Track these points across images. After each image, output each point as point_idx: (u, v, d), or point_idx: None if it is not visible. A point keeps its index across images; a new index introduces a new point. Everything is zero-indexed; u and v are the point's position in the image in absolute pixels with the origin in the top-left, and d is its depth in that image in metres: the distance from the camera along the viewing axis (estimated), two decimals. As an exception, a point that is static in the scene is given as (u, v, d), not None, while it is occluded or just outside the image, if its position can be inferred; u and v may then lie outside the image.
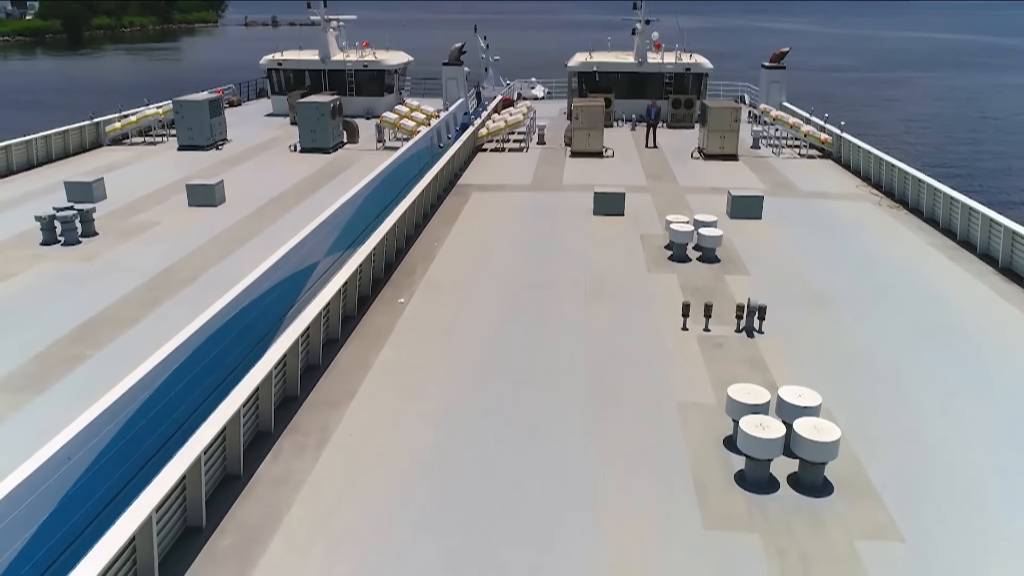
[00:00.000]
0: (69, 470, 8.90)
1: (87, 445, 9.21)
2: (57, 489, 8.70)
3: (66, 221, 18.62)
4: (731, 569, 8.23)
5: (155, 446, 10.67)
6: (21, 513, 8.02)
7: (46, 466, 8.43)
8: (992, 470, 9.97)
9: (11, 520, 7.84)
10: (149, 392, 10.74)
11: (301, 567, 8.12)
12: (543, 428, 10.87)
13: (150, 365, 10.84)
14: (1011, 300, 15.60)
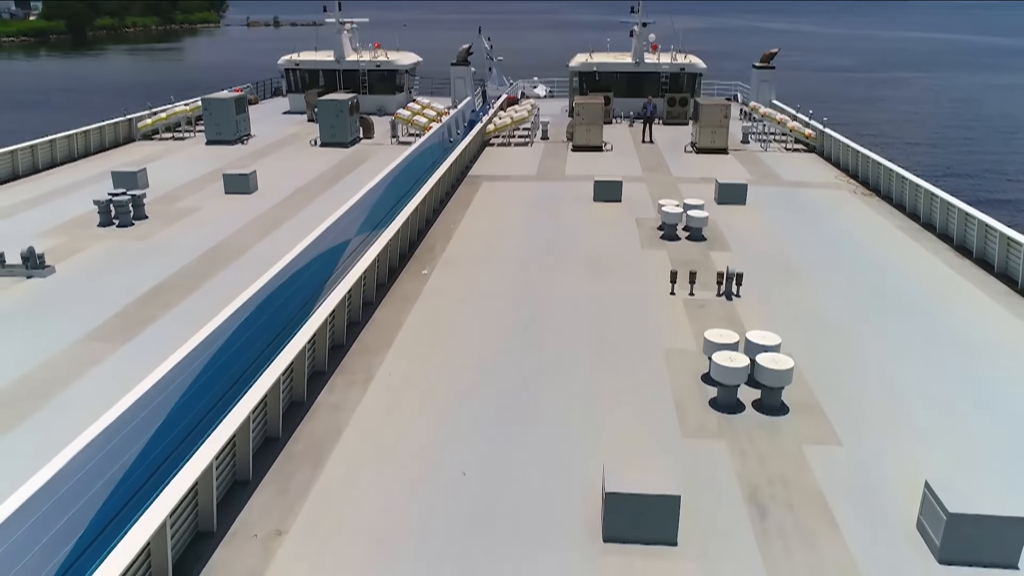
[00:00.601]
0: (162, 403, 11.02)
1: (165, 394, 11.20)
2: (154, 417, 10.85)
3: (120, 205, 20.88)
4: (703, 463, 10.48)
5: (227, 385, 12.88)
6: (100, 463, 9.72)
7: (128, 420, 10.39)
8: (914, 393, 12.27)
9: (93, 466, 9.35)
10: (218, 345, 12.92)
11: (356, 473, 10.36)
12: (552, 368, 13.13)
13: (216, 324, 13.00)
14: (959, 271, 17.88)
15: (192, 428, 11.38)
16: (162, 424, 10.87)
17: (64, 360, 13.57)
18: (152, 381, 10.78)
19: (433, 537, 9.10)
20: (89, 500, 9.24)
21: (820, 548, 8.97)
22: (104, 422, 9.70)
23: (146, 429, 10.53)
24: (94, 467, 9.29)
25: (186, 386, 11.68)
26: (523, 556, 8.79)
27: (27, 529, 8.10)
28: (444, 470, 10.37)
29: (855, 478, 10.21)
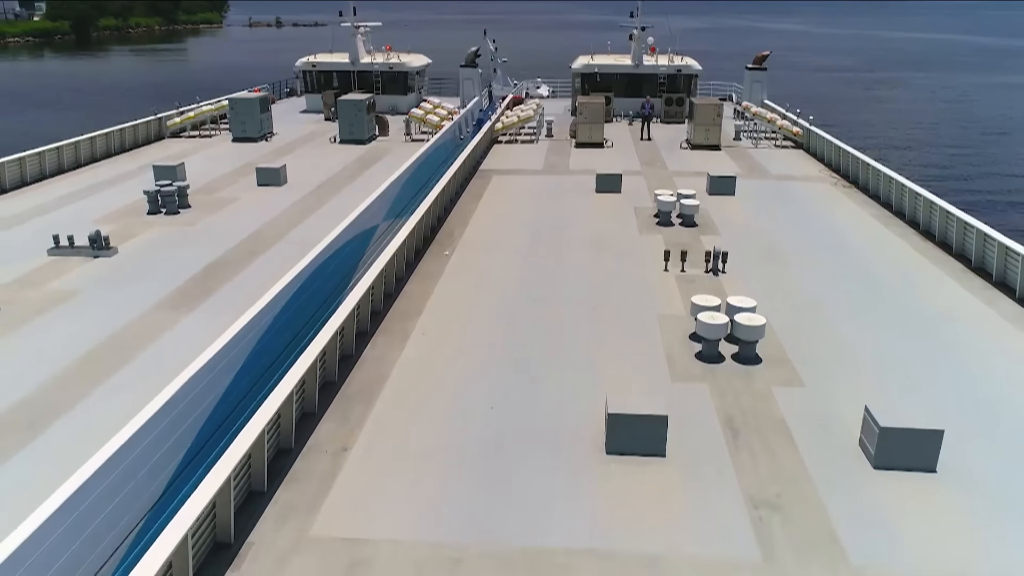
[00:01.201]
0: (237, 355, 13.17)
1: (237, 349, 13.30)
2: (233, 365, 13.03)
3: (168, 195, 23.16)
4: (689, 400, 12.74)
5: (287, 342, 15.13)
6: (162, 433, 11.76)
7: (212, 367, 12.53)
8: (868, 347, 14.56)
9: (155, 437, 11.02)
10: (277, 308, 15.13)
11: (401, 407, 12.62)
12: (561, 329, 15.41)
13: (273, 292, 15.19)
14: (922, 252, 20.17)
15: (263, 373, 13.63)
16: (240, 370, 13.12)
17: (141, 325, 15.82)
18: (224, 340, 12.97)
19: (468, 453, 11.37)
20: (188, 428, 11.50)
21: (780, 460, 11.23)
22: (192, 370, 11.90)
23: (227, 374, 12.78)
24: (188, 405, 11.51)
25: (254, 342, 13.91)
26: (542, 467, 11.04)
27: (126, 465, 9.87)
28: (474, 404, 12.64)
29: (812, 410, 12.48)
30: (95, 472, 9.11)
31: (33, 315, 16.12)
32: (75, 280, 18.09)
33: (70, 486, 8.82)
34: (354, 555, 9.34)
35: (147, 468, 10.26)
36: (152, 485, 10.38)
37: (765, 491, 10.53)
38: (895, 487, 10.60)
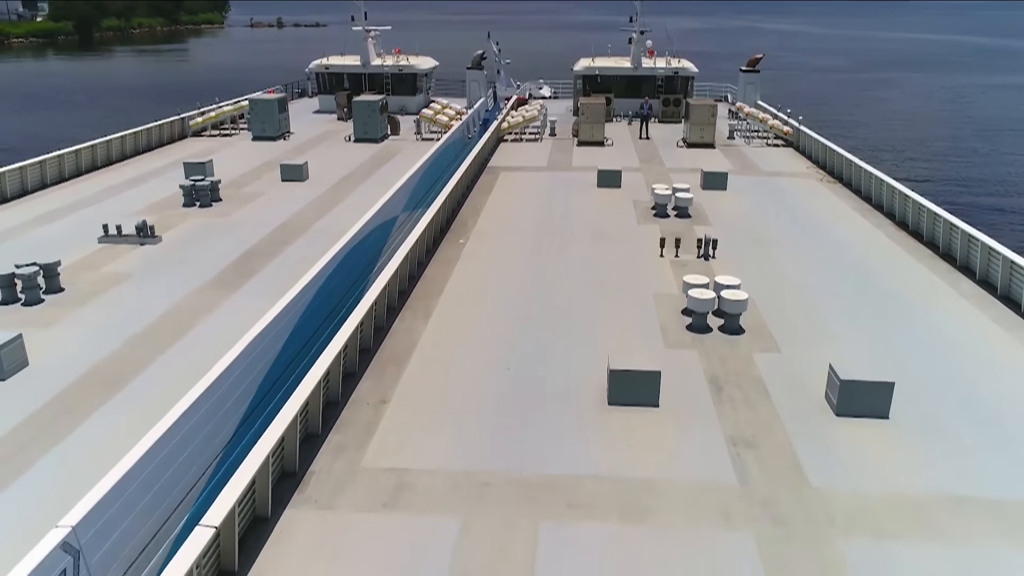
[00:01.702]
0: (284, 328, 15.10)
1: (283, 323, 15.22)
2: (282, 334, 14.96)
3: (202, 189, 25.13)
4: (679, 362, 14.70)
5: (325, 316, 17.09)
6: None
7: (268, 334, 14.47)
8: (839, 320, 16.52)
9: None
10: (316, 288, 17.07)
11: (429, 368, 14.60)
12: (566, 305, 17.39)
13: (308, 277, 17.09)
14: (896, 240, 22.15)
15: (308, 339, 15.61)
16: (289, 336, 15.10)
17: (191, 303, 17.78)
18: (275, 312, 14.91)
19: (490, 402, 13.34)
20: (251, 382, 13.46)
21: (757, 409, 13.21)
22: (251, 335, 13.85)
23: (279, 340, 14.74)
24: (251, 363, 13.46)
25: (300, 314, 15.89)
26: (554, 415, 13.00)
27: (205, 411, 11.72)
28: (492, 365, 14.61)
29: (786, 371, 14.45)
30: (180, 416, 11.07)
31: (95, 293, 18.09)
32: (127, 264, 20.05)
33: (160, 427, 10.77)
34: (399, 480, 11.31)
35: (221, 413, 12.24)
36: (225, 427, 12.36)
37: (743, 433, 12.50)
38: (852, 430, 12.58)
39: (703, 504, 10.82)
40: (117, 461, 9.83)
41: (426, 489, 11.12)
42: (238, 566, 9.57)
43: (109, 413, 13.16)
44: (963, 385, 13.99)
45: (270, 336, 14.42)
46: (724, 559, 9.76)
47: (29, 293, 17.47)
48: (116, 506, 9.35)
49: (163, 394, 12.62)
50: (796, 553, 9.86)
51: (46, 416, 13.02)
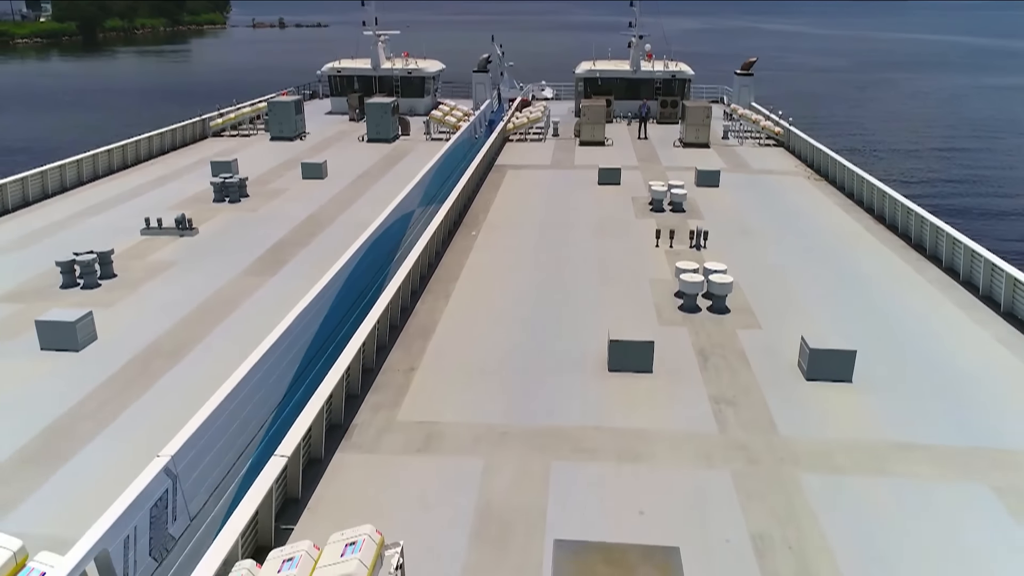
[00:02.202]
0: (320, 307, 17.08)
1: (321, 302, 17.24)
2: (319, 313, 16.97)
3: (232, 186, 27.15)
4: (671, 337, 16.71)
5: (355, 296, 19.11)
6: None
7: (312, 310, 16.53)
8: (815, 300, 18.55)
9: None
10: (346, 275, 19.09)
11: (451, 341, 16.63)
12: (571, 289, 19.43)
13: (339, 264, 19.09)
14: (872, 232, 24.21)
15: (341, 319, 17.65)
16: (326, 316, 17.15)
17: (234, 286, 19.79)
18: (313, 294, 16.94)
19: (505, 369, 15.37)
20: (297, 351, 15.51)
21: (737, 375, 15.23)
22: (299, 308, 15.91)
23: (318, 316, 16.80)
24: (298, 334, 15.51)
25: (333, 296, 17.95)
26: (562, 378, 15.03)
27: (263, 373, 13.98)
28: (505, 339, 16.64)
29: (766, 345, 16.48)
30: (247, 372, 13.12)
31: (145, 279, 20.12)
32: (169, 254, 22.08)
33: (231, 382, 12.81)
34: (429, 431, 13.33)
35: (277, 373, 14.32)
36: (280, 386, 14.45)
37: (724, 393, 14.53)
38: (819, 391, 14.62)
39: (687, 449, 12.85)
40: (187, 418, 11.83)
41: (453, 437, 13.15)
42: (300, 495, 11.60)
43: (175, 377, 15.19)
44: (918, 355, 16.03)
45: (312, 312, 16.49)
46: (705, 490, 11.78)
47: (87, 278, 19.50)
48: (203, 441, 11.39)
49: (218, 362, 14.70)
50: (764, 485, 11.89)
51: (120, 380, 15.05)
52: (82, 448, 12.83)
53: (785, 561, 10.28)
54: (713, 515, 11.17)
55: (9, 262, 21.22)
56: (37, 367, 15.48)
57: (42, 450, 12.76)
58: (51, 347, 16.05)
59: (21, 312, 17.89)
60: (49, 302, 18.27)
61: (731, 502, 11.52)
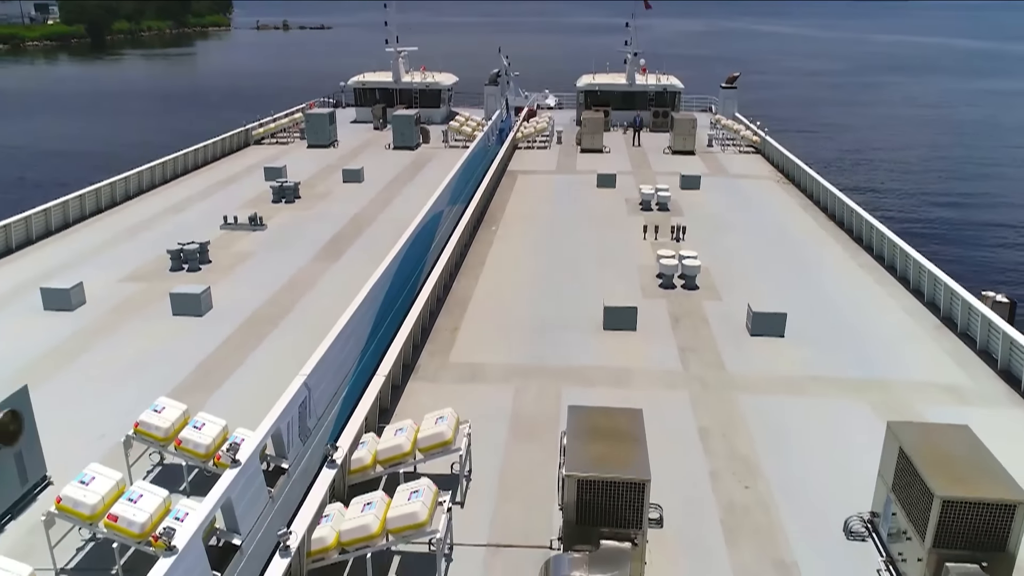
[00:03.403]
0: (382, 287, 22.22)
1: (382, 283, 22.32)
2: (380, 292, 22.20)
3: (288, 189, 32.50)
4: (651, 307, 22.03)
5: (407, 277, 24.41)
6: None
7: (379, 289, 21.86)
8: (768, 281, 23.88)
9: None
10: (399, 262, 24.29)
11: (484, 306, 22.00)
12: (573, 271, 24.80)
13: (393, 252, 24.26)
14: (824, 227, 29.61)
15: (397, 295, 22.98)
16: (388, 290, 22.46)
17: (303, 272, 25.05)
18: (377, 274, 22.19)
19: (525, 328, 20.72)
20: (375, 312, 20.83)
21: (700, 333, 20.58)
22: (368, 285, 21.20)
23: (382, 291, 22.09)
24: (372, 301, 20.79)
25: (392, 276, 23.22)
26: (569, 333, 20.36)
27: (351, 330, 18.83)
28: (525, 307, 22.01)
29: (724, 312, 21.83)
30: (338, 333, 18.39)
31: (235, 264, 25.43)
32: (248, 245, 27.39)
33: (333, 333, 18.11)
34: (473, 370, 18.67)
35: (360, 330, 19.63)
36: (363, 339, 19.77)
37: (689, 344, 19.89)
38: (759, 343, 19.96)
39: (659, 379, 18.20)
40: (291, 364, 17.04)
41: (490, 373, 18.50)
42: (390, 405, 16.93)
43: (276, 335, 20.47)
44: (836, 319, 21.39)
45: (379, 286, 21.81)
46: (669, 404, 17.10)
47: (191, 263, 24.85)
48: (322, 369, 16.72)
49: (309, 325, 20.05)
50: (711, 400, 17.23)
51: (238, 337, 20.34)
52: (219, 388, 18.02)
53: (718, 441, 15.65)
54: (673, 415, 16.53)
55: (124, 250, 26.58)
56: (173, 328, 20.80)
57: (200, 381, 18.07)
58: (181, 313, 21.37)
59: (146, 289, 23.23)
60: (165, 282, 23.59)
61: (686, 410, 16.89)
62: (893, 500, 12.23)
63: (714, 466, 14.94)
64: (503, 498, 13.97)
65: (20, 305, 22.04)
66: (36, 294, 21.96)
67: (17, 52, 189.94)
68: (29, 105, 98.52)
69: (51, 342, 19.75)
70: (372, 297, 20.92)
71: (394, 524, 11.85)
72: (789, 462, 15.01)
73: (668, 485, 13.61)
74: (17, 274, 24.49)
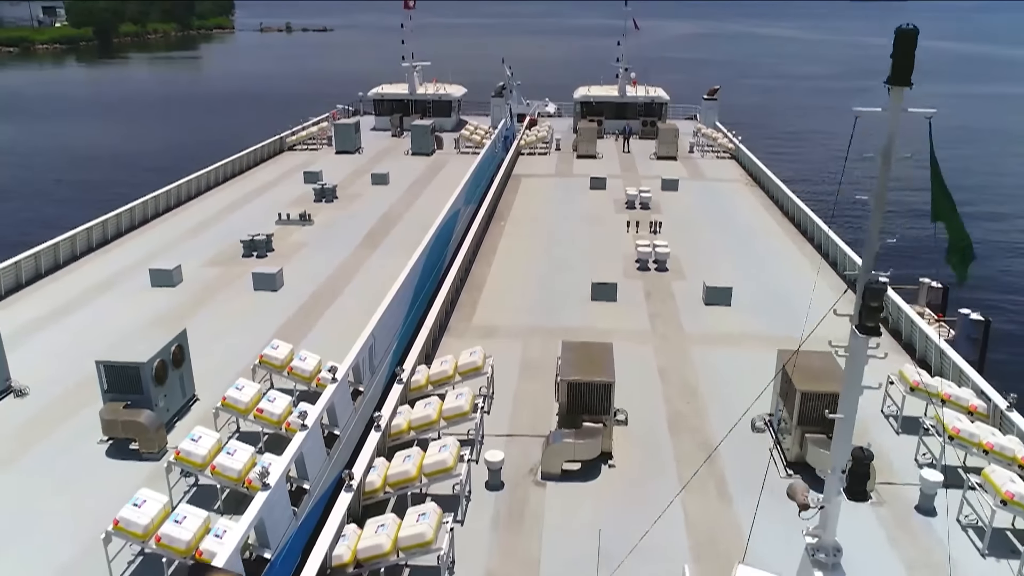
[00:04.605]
0: (416, 270, 28.51)
1: (416, 267, 28.66)
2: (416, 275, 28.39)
3: (329, 191, 38.76)
4: (629, 285, 28.29)
5: (437, 259, 30.63)
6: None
7: (414, 273, 28.12)
8: (727, 264, 30.14)
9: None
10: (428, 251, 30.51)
11: (500, 275, 28.30)
12: (569, 261, 31.06)
13: (423, 244, 30.59)
14: (779, 224, 35.89)
15: (429, 273, 29.23)
16: (421, 272, 28.70)
17: (350, 259, 31.19)
18: (412, 262, 28.44)
19: (530, 299, 26.98)
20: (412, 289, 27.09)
21: (667, 304, 26.88)
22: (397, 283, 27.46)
23: (413, 280, 28.30)
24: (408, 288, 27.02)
25: (424, 261, 29.47)
26: (565, 304, 26.63)
27: (393, 305, 25.37)
28: (530, 284, 28.26)
29: (687, 288, 28.11)
30: (389, 302, 24.63)
31: (293, 253, 31.62)
32: (300, 237, 33.60)
33: (385, 301, 24.34)
34: (490, 330, 24.92)
35: (405, 298, 25.88)
36: (403, 307, 26.01)
37: (657, 312, 26.17)
38: (710, 310, 26.25)
39: (632, 336, 24.51)
40: (351, 327, 23.23)
41: (504, 332, 24.76)
42: (432, 351, 23.18)
43: (337, 307, 26.63)
44: (773, 293, 27.66)
45: (416, 269, 28.14)
46: (639, 353, 23.30)
47: (259, 251, 31.08)
48: (382, 322, 22.98)
49: (359, 299, 26.25)
50: (670, 351, 23.50)
51: (306, 308, 26.52)
52: (304, 338, 24.21)
53: (672, 375, 21.95)
54: (641, 360, 22.81)
55: (199, 241, 32.82)
56: (254, 300, 27.00)
57: (287, 335, 24.27)
58: (260, 289, 27.58)
59: (226, 271, 29.44)
60: (240, 266, 29.78)
61: (651, 357, 23.17)
62: (779, 401, 18.50)
63: (667, 391, 21.21)
64: (516, 407, 20.24)
65: (131, 283, 28.27)
66: (142, 274, 28.18)
67: (28, 55, 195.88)
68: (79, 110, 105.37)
69: (162, 309, 25.93)
70: (410, 277, 27.25)
71: (404, 543, 13.91)
72: (720, 388, 21.27)
73: (634, 401, 19.90)
74: (122, 259, 30.76)
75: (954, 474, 16.93)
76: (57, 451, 18.07)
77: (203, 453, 16.05)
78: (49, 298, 26.97)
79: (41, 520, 15.83)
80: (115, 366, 18.35)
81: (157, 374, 18.49)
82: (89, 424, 18.59)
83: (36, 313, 25.64)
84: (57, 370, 21.47)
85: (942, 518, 16.04)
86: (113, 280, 28.66)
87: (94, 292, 27.55)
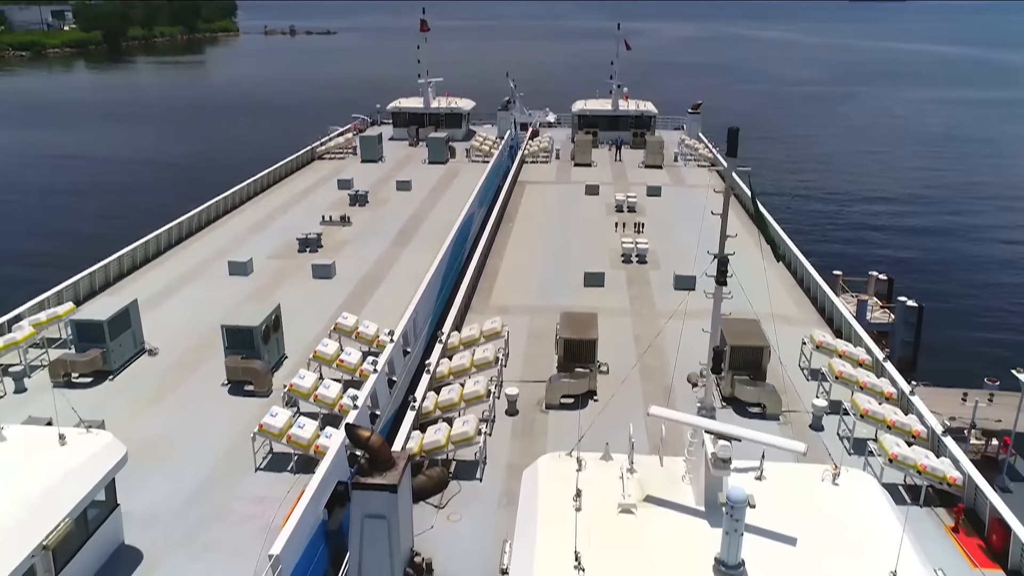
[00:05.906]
0: (443, 260, 35.62)
1: (444, 257, 35.76)
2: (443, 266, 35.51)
3: (362, 196, 45.94)
4: (615, 274, 35.50)
5: (453, 259, 37.79)
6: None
7: (441, 267, 35.23)
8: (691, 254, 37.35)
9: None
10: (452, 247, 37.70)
11: (516, 254, 35.51)
12: (567, 252, 38.28)
13: (446, 241, 37.71)
14: (745, 225, 43.04)
15: (452, 264, 36.40)
16: (448, 262, 35.86)
17: (386, 253, 38.37)
18: (439, 257, 35.60)
19: (534, 285, 34.22)
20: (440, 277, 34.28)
21: (644, 288, 34.17)
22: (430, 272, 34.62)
23: (442, 270, 35.43)
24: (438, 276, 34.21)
25: (449, 255, 36.61)
26: (562, 289, 33.85)
27: (430, 284, 32.69)
28: (535, 274, 35.47)
29: (661, 276, 35.34)
30: (425, 286, 31.82)
31: (338, 249, 38.75)
32: (343, 236, 40.74)
33: (419, 291, 31.51)
34: (504, 308, 32.14)
35: (435, 282, 33.08)
36: (435, 291, 33.20)
37: (637, 294, 33.43)
38: (678, 294, 33.28)
39: (615, 313, 31.71)
40: (395, 306, 30.39)
41: (515, 309, 31.97)
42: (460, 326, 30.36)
43: (381, 291, 33.78)
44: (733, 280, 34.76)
45: (444, 261, 35.25)
46: (620, 326, 30.46)
47: (312, 246, 38.27)
48: (416, 303, 30.15)
49: (397, 286, 33.43)
50: (644, 324, 30.74)
51: (356, 292, 33.65)
52: (359, 312, 31.31)
53: (644, 341, 29.11)
54: (621, 331, 30.01)
55: (258, 239, 39.99)
56: (315, 285, 34.13)
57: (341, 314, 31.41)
58: (319, 277, 34.74)
59: (286, 264, 36.59)
60: (297, 259, 36.94)
61: (629, 328, 30.39)
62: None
63: (639, 350, 28.37)
64: (526, 360, 27.46)
65: (211, 272, 35.44)
66: (222, 265, 35.35)
67: (39, 59, 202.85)
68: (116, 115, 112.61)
69: (240, 295, 33.03)
70: (439, 266, 34.51)
71: (455, 439, 21.04)
72: (681, 350, 28.41)
73: (615, 356, 27.09)
74: (201, 252, 37.97)
75: (835, 405, 24.17)
76: (192, 392, 25.22)
77: (307, 386, 23.22)
78: (150, 283, 34.18)
79: (194, 434, 22.96)
80: (234, 329, 25.54)
81: (265, 335, 25.65)
82: (214, 373, 25.76)
83: (147, 294, 32.85)
84: (176, 336, 28.64)
85: (829, 433, 23.27)
86: (197, 269, 35.86)
87: (183, 279, 34.73)
